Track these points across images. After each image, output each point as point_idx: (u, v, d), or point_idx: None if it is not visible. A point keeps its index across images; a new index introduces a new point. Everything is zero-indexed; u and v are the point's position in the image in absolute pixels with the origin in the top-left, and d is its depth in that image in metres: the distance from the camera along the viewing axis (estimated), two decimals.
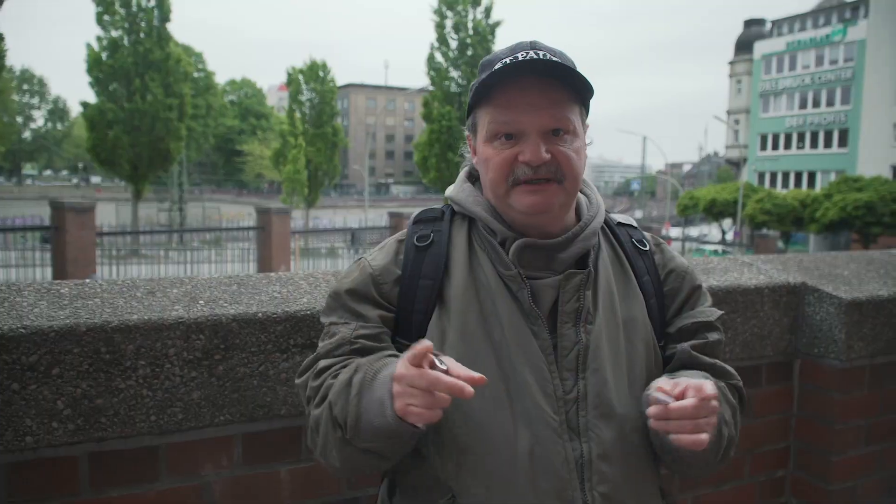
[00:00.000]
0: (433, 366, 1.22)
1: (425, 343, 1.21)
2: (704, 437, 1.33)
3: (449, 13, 37.33)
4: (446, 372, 1.21)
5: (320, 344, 1.52)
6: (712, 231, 54.26)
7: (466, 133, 1.64)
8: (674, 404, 1.32)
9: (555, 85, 1.47)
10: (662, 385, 1.38)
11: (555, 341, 1.48)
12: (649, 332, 1.58)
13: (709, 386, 1.34)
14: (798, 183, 52.35)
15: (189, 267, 23.95)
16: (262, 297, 1.95)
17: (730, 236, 44.61)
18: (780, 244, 37.75)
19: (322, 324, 1.56)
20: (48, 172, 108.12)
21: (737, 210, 39.84)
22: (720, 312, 1.69)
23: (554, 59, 1.44)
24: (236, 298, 1.92)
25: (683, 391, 1.33)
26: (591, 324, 1.49)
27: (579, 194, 1.66)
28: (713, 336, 1.64)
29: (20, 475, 1.67)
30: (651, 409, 1.36)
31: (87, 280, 1.93)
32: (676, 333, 1.64)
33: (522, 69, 1.45)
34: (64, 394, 1.65)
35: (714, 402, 1.34)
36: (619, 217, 1.75)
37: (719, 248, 39.27)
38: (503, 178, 1.48)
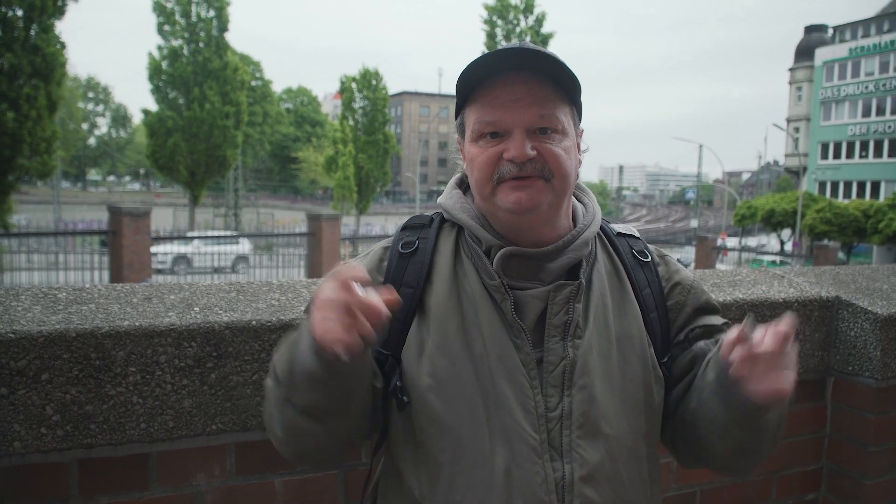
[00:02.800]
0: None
1: (354, 268, 1.18)
2: (788, 386, 1.25)
3: (500, 22, 37.28)
4: None
5: None
6: (771, 241, 52.99)
7: (457, 137, 1.60)
8: (762, 346, 1.22)
9: (542, 81, 1.41)
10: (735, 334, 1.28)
11: (540, 355, 1.41)
12: (646, 349, 1.51)
13: (786, 323, 1.24)
14: (861, 193, 50.72)
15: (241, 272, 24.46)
16: (259, 305, 1.92)
17: (789, 247, 43.47)
18: (842, 255, 36.62)
19: None
20: (111, 178, 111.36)
21: (796, 220, 38.83)
22: (725, 321, 1.61)
23: (540, 51, 1.39)
24: (232, 306, 1.90)
25: (763, 337, 1.24)
26: (580, 338, 1.42)
27: (576, 202, 1.60)
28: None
29: (8, 481, 1.67)
30: (736, 353, 1.25)
31: (88, 285, 1.93)
32: (685, 341, 1.56)
33: (506, 63, 1.40)
34: (53, 399, 1.64)
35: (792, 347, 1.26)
36: (619, 227, 1.67)
37: (777, 258, 38.28)
38: (488, 176, 1.43)
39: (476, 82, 1.43)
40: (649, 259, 1.61)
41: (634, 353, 1.48)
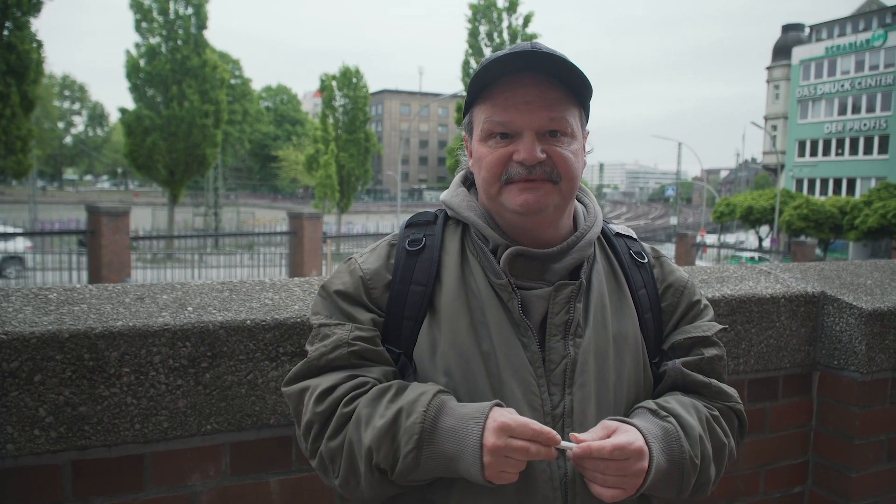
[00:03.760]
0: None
1: (549, 431, 1.26)
2: (613, 493, 1.30)
3: (483, 20, 37.32)
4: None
5: (311, 347, 1.47)
6: (749, 238, 53.46)
7: (463, 134, 1.60)
8: (581, 448, 1.28)
9: (553, 84, 1.42)
10: (602, 426, 1.34)
11: (545, 354, 1.43)
12: (640, 349, 1.53)
13: (633, 444, 1.30)
14: (837, 190, 51.29)
15: (223, 271, 24.25)
16: (252, 304, 1.92)
17: (767, 243, 43.88)
18: (818, 251, 37.03)
19: (312, 324, 1.51)
20: (88, 177, 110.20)
21: (774, 217, 39.21)
22: (719, 327, 1.61)
23: (553, 54, 1.39)
24: (226, 305, 1.89)
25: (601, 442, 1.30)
26: (581, 337, 1.44)
27: (577, 203, 1.61)
28: (710, 352, 1.57)
29: (1, 484, 1.65)
30: (568, 452, 1.30)
31: (78, 286, 1.91)
32: (670, 350, 1.58)
33: (519, 64, 1.40)
34: (46, 401, 1.63)
35: (639, 464, 1.30)
36: (617, 227, 1.69)
37: (756, 255, 38.64)
38: (496, 177, 1.44)
39: (487, 82, 1.43)
40: (646, 260, 1.62)
41: (629, 353, 1.50)
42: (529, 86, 1.41)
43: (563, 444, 1.30)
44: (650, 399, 1.51)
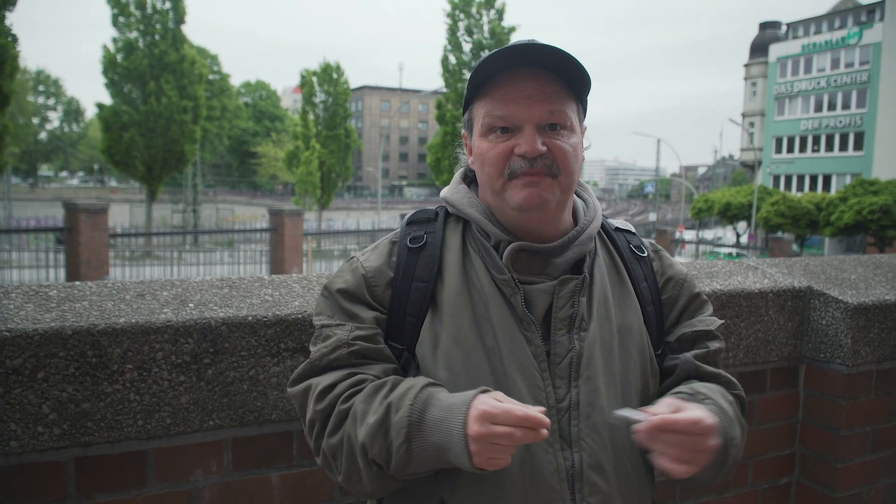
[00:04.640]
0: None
1: (536, 411, 1.23)
2: (684, 468, 1.30)
3: (462, 16, 37.29)
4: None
5: (313, 348, 1.48)
6: (727, 234, 53.95)
7: (462, 131, 1.62)
8: (660, 419, 1.28)
9: (552, 78, 1.44)
10: (667, 404, 1.34)
11: (548, 348, 1.45)
12: (644, 341, 1.55)
13: (706, 420, 1.30)
14: (813, 186, 51.94)
15: (202, 269, 24.06)
16: (253, 301, 1.93)
17: (744, 239, 44.30)
18: (795, 247, 37.45)
19: (314, 325, 1.53)
20: (64, 174, 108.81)
21: (751, 213, 39.60)
22: (721, 322, 1.65)
23: (551, 47, 1.41)
24: (227, 301, 1.90)
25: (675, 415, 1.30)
26: (585, 331, 1.46)
27: (576, 198, 1.63)
28: (714, 345, 1.61)
29: (5, 481, 1.65)
30: (642, 424, 1.29)
31: (77, 283, 1.91)
32: (676, 343, 1.61)
33: (518, 59, 1.42)
34: (49, 398, 1.63)
35: (711, 441, 1.31)
36: (616, 222, 1.71)
37: (734, 251, 39.02)
38: (499, 172, 1.46)
39: (486, 77, 1.45)
40: (645, 254, 1.65)
41: (634, 345, 1.53)
42: (528, 80, 1.43)
43: (635, 414, 1.29)
44: (662, 390, 1.56)
